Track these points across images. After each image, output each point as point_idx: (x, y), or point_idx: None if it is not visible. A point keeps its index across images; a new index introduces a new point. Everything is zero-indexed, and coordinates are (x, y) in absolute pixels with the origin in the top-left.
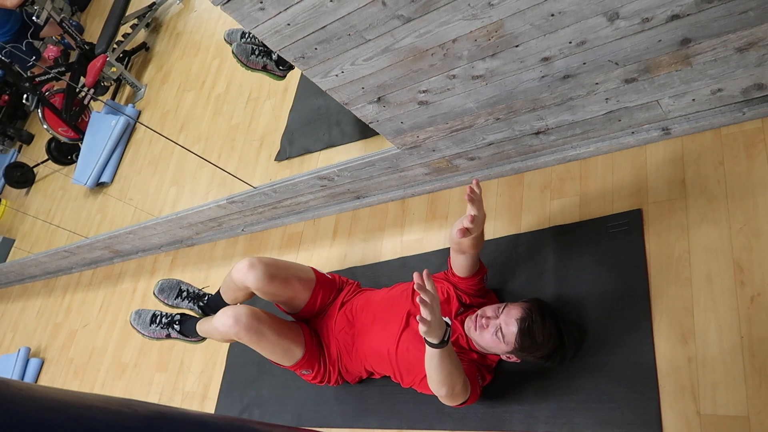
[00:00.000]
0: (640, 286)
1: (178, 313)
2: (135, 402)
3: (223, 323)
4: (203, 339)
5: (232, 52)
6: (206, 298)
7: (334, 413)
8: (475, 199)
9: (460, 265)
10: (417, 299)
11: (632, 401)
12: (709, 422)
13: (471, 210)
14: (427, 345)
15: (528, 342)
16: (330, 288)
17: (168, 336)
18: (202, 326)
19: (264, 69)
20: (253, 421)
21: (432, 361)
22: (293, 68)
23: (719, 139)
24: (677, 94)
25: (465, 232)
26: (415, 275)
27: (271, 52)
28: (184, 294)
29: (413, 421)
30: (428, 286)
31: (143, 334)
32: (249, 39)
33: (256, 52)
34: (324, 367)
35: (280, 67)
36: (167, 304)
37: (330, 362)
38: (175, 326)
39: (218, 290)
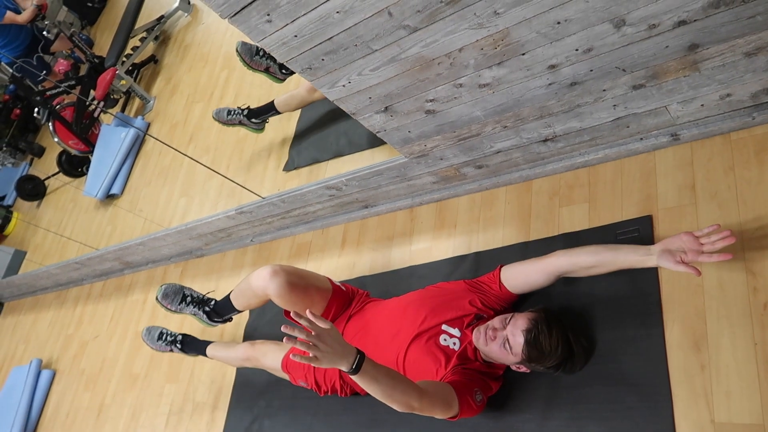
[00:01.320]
0: (651, 293)
1: (180, 334)
2: None
3: (239, 355)
4: (198, 355)
5: (236, 50)
6: (212, 303)
7: (345, 423)
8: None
9: (535, 283)
10: (287, 342)
11: (645, 410)
12: (724, 431)
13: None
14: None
15: (535, 353)
16: (343, 299)
17: (171, 350)
18: (215, 352)
19: (266, 71)
20: None
21: (359, 385)
22: (294, 73)
23: (729, 144)
24: (686, 100)
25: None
26: (284, 328)
27: None
28: (188, 299)
29: (424, 430)
30: (304, 322)
31: (152, 347)
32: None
33: (261, 53)
34: (314, 377)
35: (283, 71)
36: (171, 310)
37: (333, 372)
38: (177, 345)
39: (227, 296)
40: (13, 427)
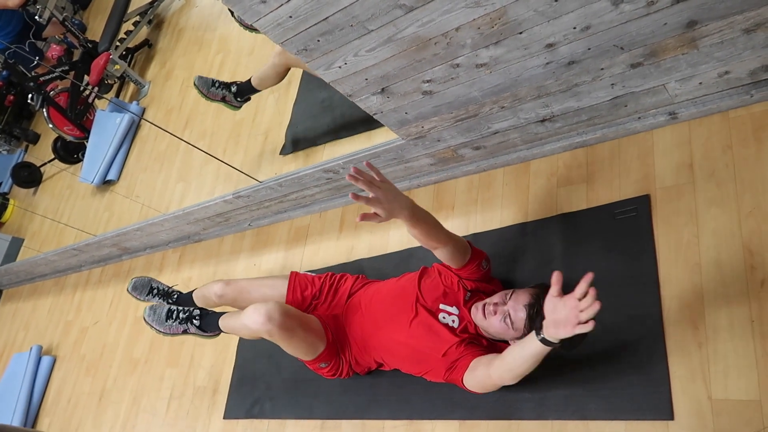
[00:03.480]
0: (649, 273)
1: (197, 308)
2: None
3: (254, 321)
4: (218, 334)
5: (194, 84)
6: (175, 296)
7: (345, 404)
8: (360, 179)
9: (441, 258)
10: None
11: (643, 387)
12: (721, 407)
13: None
14: (536, 343)
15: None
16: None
17: (185, 331)
18: (226, 322)
19: (222, 100)
20: None
21: (532, 358)
22: (249, 100)
23: (727, 122)
24: (684, 78)
25: (365, 216)
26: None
27: (230, 85)
28: (155, 291)
29: (424, 411)
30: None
31: (158, 330)
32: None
33: (216, 85)
34: (340, 360)
35: (238, 99)
36: (140, 300)
37: (342, 355)
38: (194, 321)
39: (190, 293)
40: (14, 414)
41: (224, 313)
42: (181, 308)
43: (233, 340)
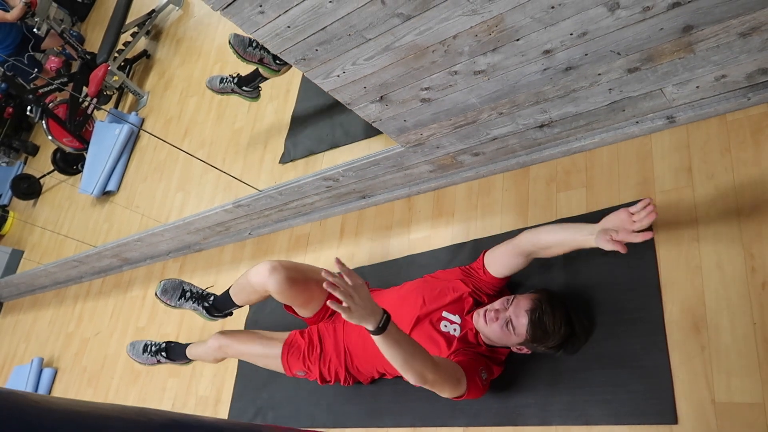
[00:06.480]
0: (650, 276)
1: (163, 342)
2: (150, 410)
3: (210, 345)
4: (190, 361)
5: (229, 43)
6: (212, 298)
7: (348, 413)
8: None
9: (510, 266)
10: (328, 288)
11: (646, 392)
12: (724, 410)
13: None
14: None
15: (539, 333)
16: None
17: (158, 362)
18: (192, 351)
19: (260, 62)
20: (267, 425)
21: (381, 349)
22: (287, 62)
23: (725, 125)
24: (681, 82)
25: (619, 245)
26: (325, 274)
27: None
28: (188, 294)
29: (426, 418)
30: (344, 271)
31: (139, 362)
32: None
33: (254, 44)
34: (319, 368)
35: (277, 62)
36: (170, 305)
37: (338, 362)
38: (162, 354)
39: (226, 291)
40: None
41: (190, 344)
42: (152, 342)
43: None
